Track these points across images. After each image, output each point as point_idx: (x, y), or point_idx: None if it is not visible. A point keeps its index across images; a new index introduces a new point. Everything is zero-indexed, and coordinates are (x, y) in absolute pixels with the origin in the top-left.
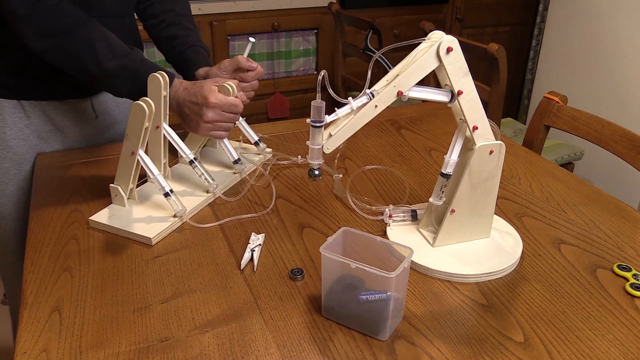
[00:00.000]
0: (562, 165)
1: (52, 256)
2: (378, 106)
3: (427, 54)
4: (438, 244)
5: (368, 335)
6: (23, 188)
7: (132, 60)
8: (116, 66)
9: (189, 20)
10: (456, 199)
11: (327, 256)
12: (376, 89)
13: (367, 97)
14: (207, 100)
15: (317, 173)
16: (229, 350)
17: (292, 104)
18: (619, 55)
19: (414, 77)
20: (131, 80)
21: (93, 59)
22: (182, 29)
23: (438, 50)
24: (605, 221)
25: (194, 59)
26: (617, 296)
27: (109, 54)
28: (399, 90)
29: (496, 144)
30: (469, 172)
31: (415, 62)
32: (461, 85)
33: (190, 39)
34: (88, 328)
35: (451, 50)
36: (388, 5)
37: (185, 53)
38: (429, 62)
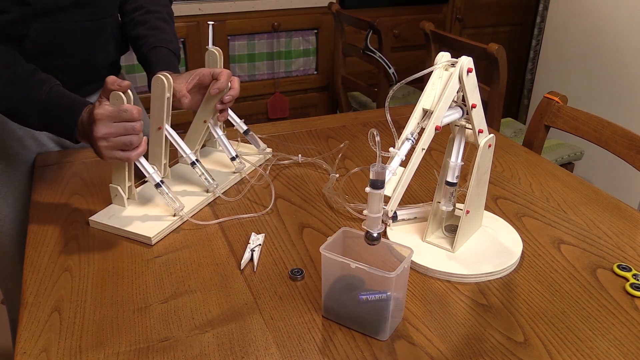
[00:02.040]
0: (562, 165)
1: (52, 256)
2: (424, 148)
3: (452, 83)
4: (458, 247)
5: (368, 335)
6: (19, 189)
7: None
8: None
9: (159, 16)
10: (469, 199)
11: (327, 256)
12: (411, 130)
13: (411, 142)
14: (93, 115)
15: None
16: (229, 350)
17: (292, 104)
18: (619, 55)
19: (444, 108)
20: (38, 111)
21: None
22: (148, 28)
23: (460, 74)
24: (605, 221)
25: (153, 61)
26: (617, 296)
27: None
28: (436, 126)
29: (490, 137)
30: (476, 170)
31: (445, 96)
32: (474, 99)
33: (153, 39)
34: (88, 328)
35: (471, 71)
36: (388, 5)
37: (147, 55)
38: (454, 89)
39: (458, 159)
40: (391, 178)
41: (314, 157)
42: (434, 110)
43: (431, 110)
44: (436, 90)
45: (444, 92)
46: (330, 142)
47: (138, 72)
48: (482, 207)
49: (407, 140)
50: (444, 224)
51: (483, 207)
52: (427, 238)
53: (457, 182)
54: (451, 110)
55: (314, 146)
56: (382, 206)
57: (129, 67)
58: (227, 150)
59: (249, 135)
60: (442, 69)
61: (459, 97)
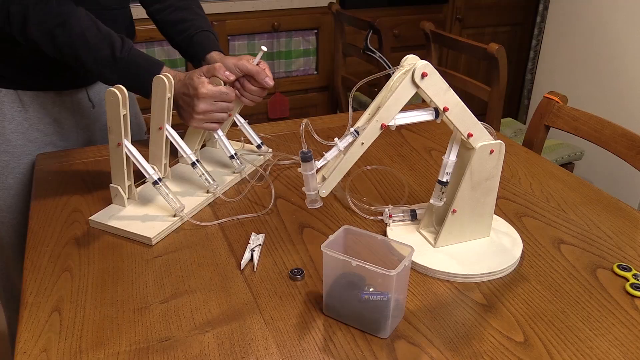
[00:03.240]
0: (562, 165)
1: (52, 256)
2: (364, 143)
3: (403, 84)
4: (440, 245)
5: (368, 335)
6: (22, 181)
7: (121, 49)
8: (106, 55)
9: (197, 5)
10: (457, 199)
11: (329, 254)
12: (359, 125)
13: (352, 135)
14: (198, 91)
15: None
16: (229, 350)
17: (292, 104)
18: (619, 55)
19: (394, 108)
20: (120, 69)
21: (84, 48)
22: (192, 13)
23: (413, 77)
24: (605, 221)
25: (204, 43)
26: (617, 296)
27: (100, 43)
28: (382, 124)
29: (496, 143)
30: (469, 172)
31: (393, 93)
32: (445, 102)
33: (200, 23)
34: (88, 328)
35: (426, 75)
36: (388, 5)
37: (195, 37)
38: (406, 91)
39: (449, 156)
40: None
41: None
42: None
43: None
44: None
45: (392, 92)
46: None
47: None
48: (488, 215)
49: (350, 134)
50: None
51: (489, 215)
52: (420, 229)
53: (447, 182)
54: (418, 112)
55: (314, 146)
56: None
57: None
58: (225, 149)
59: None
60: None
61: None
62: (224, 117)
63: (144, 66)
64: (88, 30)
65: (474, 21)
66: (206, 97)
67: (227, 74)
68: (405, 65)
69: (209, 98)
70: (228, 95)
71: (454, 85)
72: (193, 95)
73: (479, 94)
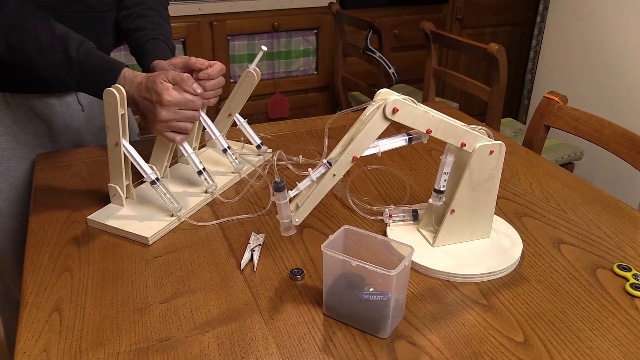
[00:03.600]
0: (562, 165)
1: (52, 256)
2: (336, 175)
3: (374, 118)
4: (438, 244)
5: (368, 334)
6: (13, 184)
7: (77, 50)
8: (60, 58)
9: (159, 14)
10: (456, 199)
11: (329, 254)
12: (332, 157)
13: (325, 167)
14: (161, 98)
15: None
16: (229, 350)
17: (292, 104)
18: (619, 55)
19: (365, 142)
20: (76, 71)
21: (37, 51)
22: (149, 21)
23: (384, 113)
24: (605, 221)
25: (151, 51)
26: (617, 296)
27: (54, 46)
28: (354, 156)
29: (496, 144)
30: (469, 171)
31: (364, 128)
32: (426, 125)
33: (154, 32)
34: (88, 328)
35: (397, 110)
36: (388, 5)
37: (145, 45)
38: (378, 125)
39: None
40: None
41: (314, 159)
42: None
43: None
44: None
45: (364, 126)
46: (331, 142)
47: None
48: (488, 216)
49: (323, 165)
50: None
51: (489, 216)
52: (420, 228)
53: (444, 191)
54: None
55: (314, 146)
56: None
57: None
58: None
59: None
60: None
61: None
62: (189, 126)
63: (101, 68)
64: (42, 33)
65: (474, 21)
66: (170, 104)
67: (195, 86)
68: (377, 100)
69: (173, 106)
70: (194, 104)
71: (453, 85)
72: (156, 101)
73: (479, 94)
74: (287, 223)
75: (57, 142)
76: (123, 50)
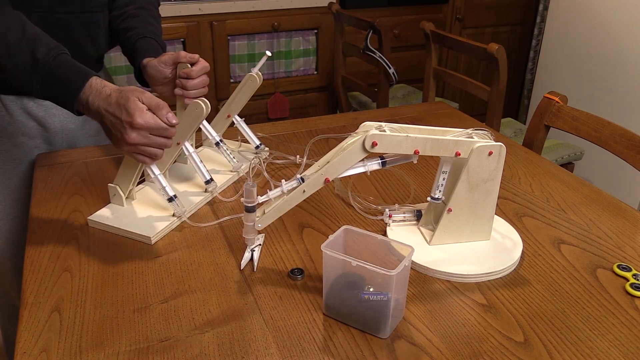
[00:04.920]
0: (562, 165)
1: (52, 256)
2: (306, 191)
3: (353, 148)
4: (434, 242)
5: (368, 335)
6: (10, 187)
7: (46, 54)
8: (25, 59)
9: (150, 14)
10: (453, 198)
11: (329, 254)
12: (307, 174)
13: (297, 181)
14: (133, 120)
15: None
16: (229, 350)
17: (292, 104)
18: (619, 56)
19: (340, 167)
20: (40, 75)
21: (3, 51)
22: (140, 21)
23: (364, 145)
24: (605, 221)
25: (141, 49)
26: (617, 296)
27: (21, 46)
28: (326, 178)
29: (496, 145)
30: (466, 171)
31: (342, 154)
32: (412, 147)
33: (144, 30)
34: (88, 328)
35: (376, 144)
36: (388, 5)
37: (136, 43)
38: (356, 155)
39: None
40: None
41: (310, 159)
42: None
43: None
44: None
45: (342, 152)
46: (331, 142)
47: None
48: (487, 218)
49: (296, 179)
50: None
51: (489, 218)
52: (420, 226)
53: (440, 199)
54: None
55: (314, 146)
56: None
57: (129, 68)
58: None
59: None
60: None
61: None
62: (159, 152)
63: (66, 75)
64: (12, 32)
65: (474, 21)
66: (142, 128)
67: (170, 116)
68: (359, 132)
69: (144, 130)
70: (167, 131)
71: (453, 85)
72: (126, 121)
73: (479, 94)
74: (250, 226)
75: (53, 144)
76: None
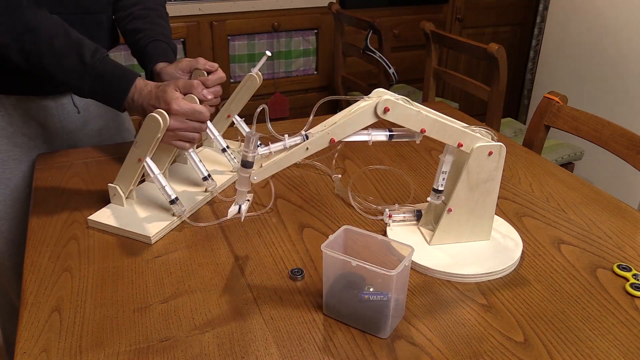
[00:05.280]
0: (562, 165)
1: (52, 256)
2: (309, 149)
3: (363, 111)
4: (434, 242)
5: (368, 335)
6: (9, 187)
7: (92, 57)
8: (74, 63)
9: (158, 14)
10: (453, 198)
11: (329, 254)
12: (312, 132)
13: (302, 138)
14: (170, 107)
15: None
16: (229, 350)
17: (292, 104)
18: (619, 56)
19: (348, 129)
20: (90, 77)
21: (51, 55)
22: (148, 22)
23: (375, 110)
24: (605, 221)
25: (153, 53)
26: (617, 296)
27: (68, 51)
28: (331, 138)
29: (496, 145)
30: (466, 171)
31: (351, 116)
32: (420, 124)
33: (153, 32)
34: (88, 328)
35: (388, 110)
36: (388, 5)
37: (146, 47)
38: (365, 119)
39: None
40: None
41: (311, 159)
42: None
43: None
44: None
45: (351, 115)
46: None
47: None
48: (487, 218)
49: (300, 135)
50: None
51: (489, 218)
52: (420, 226)
53: (442, 190)
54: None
55: None
56: None
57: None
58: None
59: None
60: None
61: None
62: (196, 137)
63: (116, 75)
64: (57, 37)
65: (474, 21)
66: (178, 114)
67: (205, 92)
68: (372, 97)
69: (180, 115)
70: (201, 115)
71: (453, 85)
72: (164, 110)
73: (479, 94)
74: (245, 177)
75: (53, 144)
76: (123, 51)
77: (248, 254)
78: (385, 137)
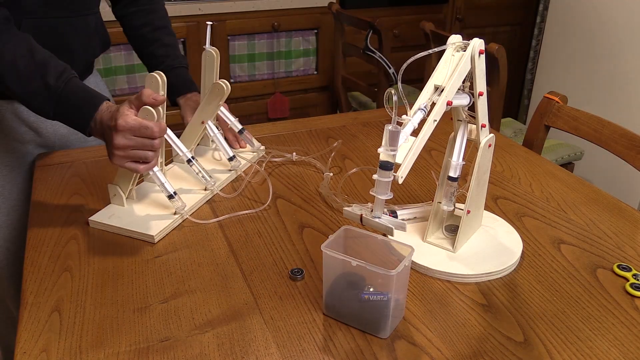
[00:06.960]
0: (562, 165)
1: (52, 256)
2: (436, 120)
3: (465, 61)
4: (458, 248)
5: (368, 335)
6: (2, 194)
7: (57, 79)
8: (37, 85)
9: (166, 32)
10: (470, 199)
11: (329, 254)
12: (424, 102)
13: (422, 112)
14: (116, 123)
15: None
16: (229, 350)
17: (292, 104)
18: (619, 55)
19: (456, 86)
20: (54, 100)
21: (13, 77)
22: (160, 45)
23: (473, 54)
24: (605, 221)
25: (178, 83)
26: (617, 296)
27: (32, 73)
28: (448, 101)
29: (491, 136)
30: (477, 169)
31: (457, 71)
32: (482, 87)
33: (169, 59)
34: (88, 328)
35: (482, 52)
36: (388, 5)
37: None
38: (465, 68)
39: (460, 156)
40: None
41: (307, 156)
42: (445, 85)
43: (443, 86)
44: (447, 69)
45: (456, 69)
46: (330, 142)
47: (138, 72)
48: (482, 206)
49: (420, 110)
50: (445, 224)
51: (483, 206)
52: (427, 238)
53: (458, 177)
54: (460, 95)
55: (314, 146)
56: None
57: (129, 67)
58: (224, 151)
59: (243, 134)
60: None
61: (466, 86)
62: (149, 155)
63: (79, 100)
64: (21, 58)
65: (474, 21)
66: (124, 129)
67: (154, 96)
68: (455, 43)
69: (127, 131)
70: (148, 130)
71: None
72: (112, 126)
73: None
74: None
75: (45, 148)
76: (123, 51)
77: (248, 254)
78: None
